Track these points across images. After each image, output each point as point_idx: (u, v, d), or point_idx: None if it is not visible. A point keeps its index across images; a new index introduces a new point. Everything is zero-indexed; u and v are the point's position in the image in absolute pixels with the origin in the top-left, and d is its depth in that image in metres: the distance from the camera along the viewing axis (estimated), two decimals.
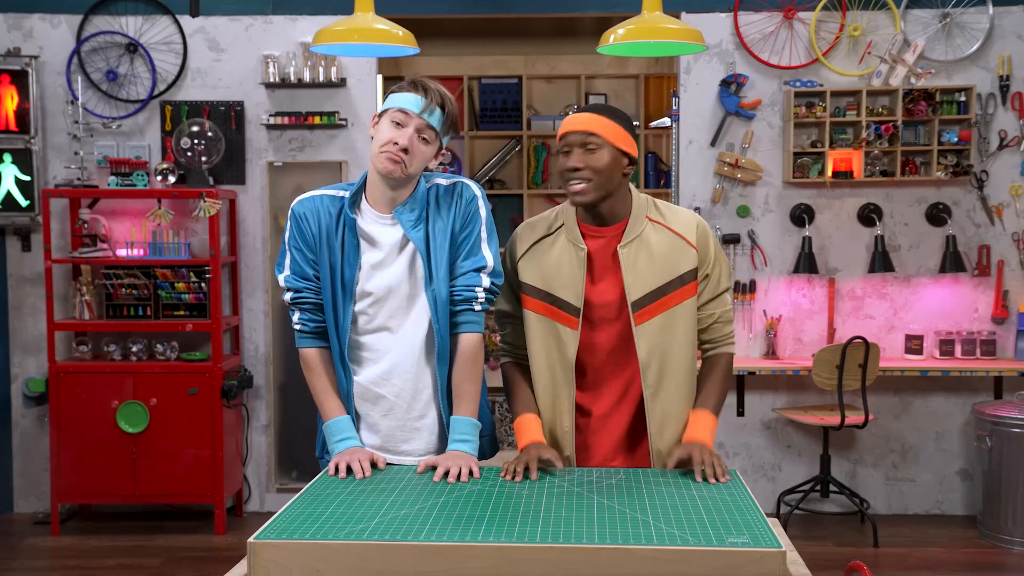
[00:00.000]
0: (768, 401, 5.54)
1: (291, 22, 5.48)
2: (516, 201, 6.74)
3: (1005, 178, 5.42)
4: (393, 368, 2.49)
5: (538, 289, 2.50)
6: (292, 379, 5.54)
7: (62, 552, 5.02)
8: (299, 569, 1.88)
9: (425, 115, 2.42)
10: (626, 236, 2.45)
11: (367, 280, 2.47)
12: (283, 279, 2.52)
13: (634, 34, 3.69)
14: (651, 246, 2.45)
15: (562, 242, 2.49)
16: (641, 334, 2.44)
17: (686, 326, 2.48)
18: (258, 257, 5.57)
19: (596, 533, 1.92)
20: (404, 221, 2.46)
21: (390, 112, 2.45)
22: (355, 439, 2.47)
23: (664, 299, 2.44)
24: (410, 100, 2.43)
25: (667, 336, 2.46)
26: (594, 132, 2.39)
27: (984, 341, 5.37)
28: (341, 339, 2.49)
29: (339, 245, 2.47)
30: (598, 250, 2.47)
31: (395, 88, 2.49)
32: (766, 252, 5.49)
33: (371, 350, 2.50)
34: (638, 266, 2.44)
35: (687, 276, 2.46)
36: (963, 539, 5.15)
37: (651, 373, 2.46)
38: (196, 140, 5.33)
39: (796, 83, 5.39)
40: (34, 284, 5.54)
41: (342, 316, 2.47)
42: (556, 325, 2.48)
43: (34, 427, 5.60)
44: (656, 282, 2.44)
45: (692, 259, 2.47)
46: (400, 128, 2.42)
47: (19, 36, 5.46)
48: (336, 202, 2.50)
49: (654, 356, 2.45)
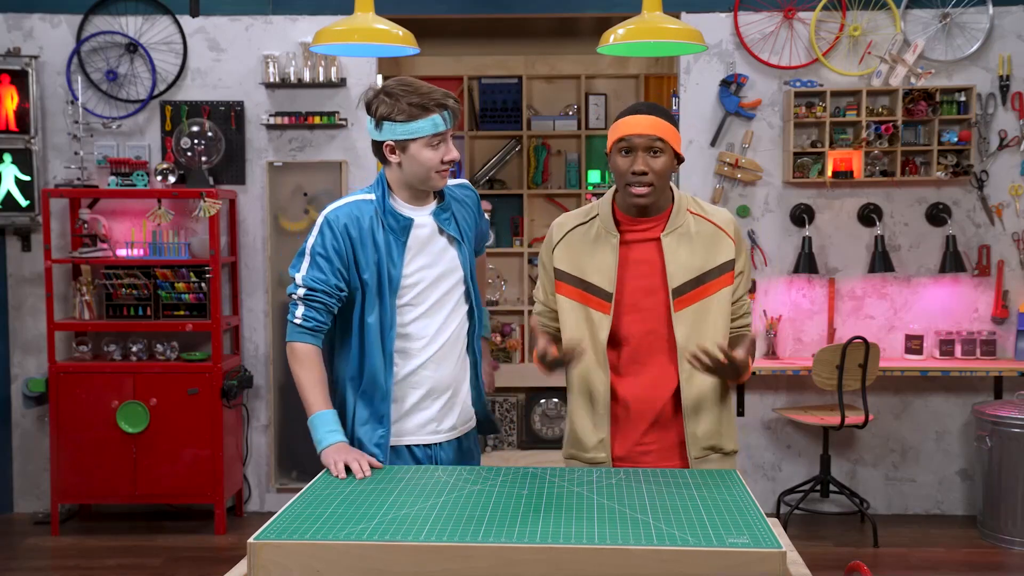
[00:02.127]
0: (768, 401, 5.54)
1: (291, 22, 5.48)
2: (516, 201, 6.74)
3: (1005, 178, 5.42)
4: (442, 351, 2.67)
5: (571, 275, 2.59)
6: (292, 379, 5.52)
7: (62, 552, 5.02)
8: (299, 569, 1.88)
9: (451, 122, 2.59)
10: (669, 226, 2.55)
11: (412, 273, 2.63)
12: (301, 277, 2.59)
13: (634, 34, 3.69)
14: (692, 236, 2.55)
15: (596, 230, 2.59)
16: (680, 320, 2.52)
17: (721, 314, 2.56)
18: (258, 257, 5.58)
19: (596, 533, 1.92)
20: (441, 220, 2.67)
21: (423, 140, 2.56)
22: (341, 433, 2.53)
23: (703, 287, 2.54)
24: (432, 125, 2.55)
25: (704, 323, 2.53)
26: (660, 137, 2.48)
27: (984, 341, 5.37)
28: (387, 334, 2.62)
29: (383, 244, 2.60)
30: (633, 239, 2.55)
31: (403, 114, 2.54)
32: (766, 252, 5.49)
33: (419, 338, 2.65)
34: (680, 255, 2.53)
35: (725, 266, 2.56)
36: (963, 539, 5.15)
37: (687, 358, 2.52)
38: (196, 140, 5.34)
39: (796, 83, 5.39)
40: (34, 284, 5.54)
41: (389, 311, 2.61)
42: (588, 310, 2.56)
43: (34, 427, 5.60)
44: (697, 270, 2.53)
45: (730, 250, 2.57)
46: (441, 145, 2.58)
47: (19, 36, 5.46)
48: (368, 205, 2.64)
49: (691, 342, 2.51)
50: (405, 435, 2.69)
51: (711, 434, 2.56)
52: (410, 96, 2.54)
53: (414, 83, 2.59)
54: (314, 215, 4.90)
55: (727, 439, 2.60)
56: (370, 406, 2.65)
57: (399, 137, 2.56)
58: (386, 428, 2.64)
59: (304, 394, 2.58)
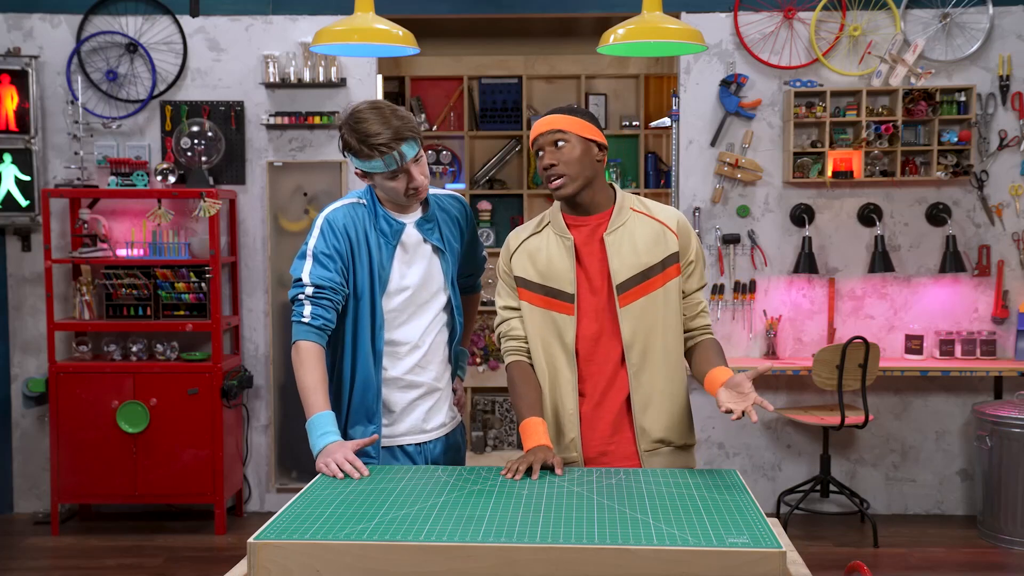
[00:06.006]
0: (768, 401, 5.52)
1: (291, 22, 5.48)
2: (516, 201, 6.74)
3: (1005, 178, 5.42)
4: (428, 354, 2.74)
5: (532, 282, 2.61)
6: (292, 379, 5.51)
7: (62, 552, 5.02)
8: (299, 569, 1.89)
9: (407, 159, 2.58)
10: (611, 224, 2.58)
11: (401, 277, 2.69)
12: (308, 276, 2.61)
13: (634, 34, 3.69)
14: (635, 233, 2.58)
15: (549, 236, 2.62)
16: (625, 316, 2.55)
17: (668, 308, 2.59)
18: (258, 257, 5.58)
19: (596, 533, 1.92)
20: (424, 230, 2.72)
21: (379, 175, 2.61)
22: (336, 434, 2.53)
23: (647, 282, 2.56)
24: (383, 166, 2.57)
25: (649, 317, 2.56)
26: (559, 128, 2.54)
27: (984, 341, 5.37)
28: (377, 335, 2.66)
29: (375, 247, 2.65)
30: (583, 239, 2.59)
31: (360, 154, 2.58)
32: (766, 252, 5.49)
33: (405, 342, 2.71)
34: (622, 252, 2.56)
35: (669, 260, 2.58)
36: (963, 539, 5.15)
37: (635, 353, 2.55)
38: (196, 140, 5.34)
39: (796, 83, 5.39)
40: (34, 284, 5.54)
41: (379, 313, 2.67)
42: (552, 314, 2.58)
43: (34, 427, 5.60)
44: (639, 266, 2.55)
45: (674, 244, 2.59)
46: (402, 175, 2.59)
47: (19, 36, 5.46)
48: (362, 209, 2.69)
49: (638, 336, 2.55)
50: (396, 436, 2.75)
51: (661, 428, 2.58)
52: (365, 136, 2.55)
53: (375, 118, 2.56)
54: (314, 215, 4.90)
55: (678, 433, 2.61)
56: (361, 405, 2.70)
57: (360, 168, 2.63)
58: (376, 426, 2.70)
59: (305, 394, 2.59)
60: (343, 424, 2.70)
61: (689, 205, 5.48)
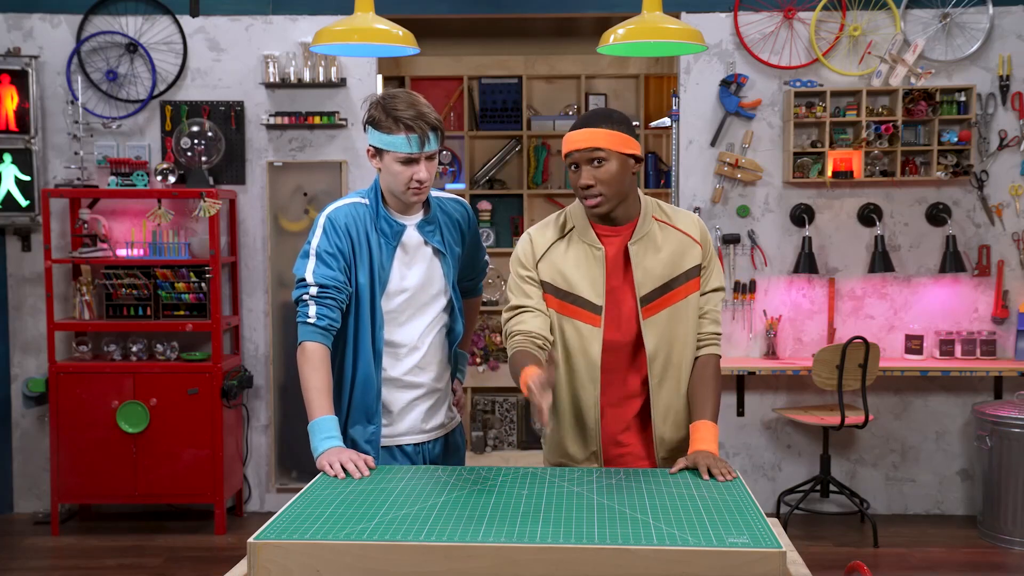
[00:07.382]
0: (768, 401, 5.54)
1: (291, 22, 5.48)
2: (516, 201, 6.73)
3: (1005, 178, 5.42)
4: (427, 355, 2.74)
5: (559, 289, 2.53)
6: (292, 379, 5.54)
7: (62, 552, 5.02)
8: (299, 569, 1.88)
9: (427, 148, 2.58)
10: (636, 234, 2.51)
11: (401, 278, 2.69)
12: (312, 276, 2.60)
13: (634, 34, 3.69)
14: (658, 244, 2.52)
15: (576, 244, 2.53)
16: (648, 327, 2.51)
17: (690, 319, 2.55)
18: (258, 257, 5.58)
19: (596, 533, 1.92)
20: (425, 232, 2.71)
21: (395, 154, 2.57)
22: (338, 439, 2.52)
23: (670, 294, 2.52)
24: (405, 144, 2.56)
25: (672, 329, 2.53)
26: (597, 146, 2.42)
27: (984, 341, 5.37)
28: (377, 335, 2.66)
29: (376, 247, 2.65)
30: (613, 249, 2.52)
31: (382, 126, 2.57)
32: (766, 252, 5.49)
33: (404, 343, 2.71)
34: (646, 262, 2.51)
35: (692, 272, 2.54)
36: (963, 539, 5.15)
37: (657, 364, 2.52)
38: (196, 140, 5.33)
39: (796, 83, 5.39)
40: (34, 284, 5.54)
41: (379, 314, 2.67)
42: (577, 324, 2.52)
43: (34, 427, 5.60)
44: (663, 278, 2.51)
45: (697, 255, 2.55)
46: (413, 164, 2.58)
47: (19, 36, 5.46)
48: (364, 208, 2.69)
49: (661, 348, 2.52)
50: (396, 436, 2.75)
51: (680, 439, 2.57)
52: (394, 110, 2.56)
53: (406, 100, 2.58)
54: (314, 215, 4.90)
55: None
56: (361, 405, 2.70)
57: (377, 144, 2.61)
58: (376, 426, 2.70)
59: (308, 396, 2.56)
60: (343, 423, 2.69)
61: (689, 205, 5.47)
